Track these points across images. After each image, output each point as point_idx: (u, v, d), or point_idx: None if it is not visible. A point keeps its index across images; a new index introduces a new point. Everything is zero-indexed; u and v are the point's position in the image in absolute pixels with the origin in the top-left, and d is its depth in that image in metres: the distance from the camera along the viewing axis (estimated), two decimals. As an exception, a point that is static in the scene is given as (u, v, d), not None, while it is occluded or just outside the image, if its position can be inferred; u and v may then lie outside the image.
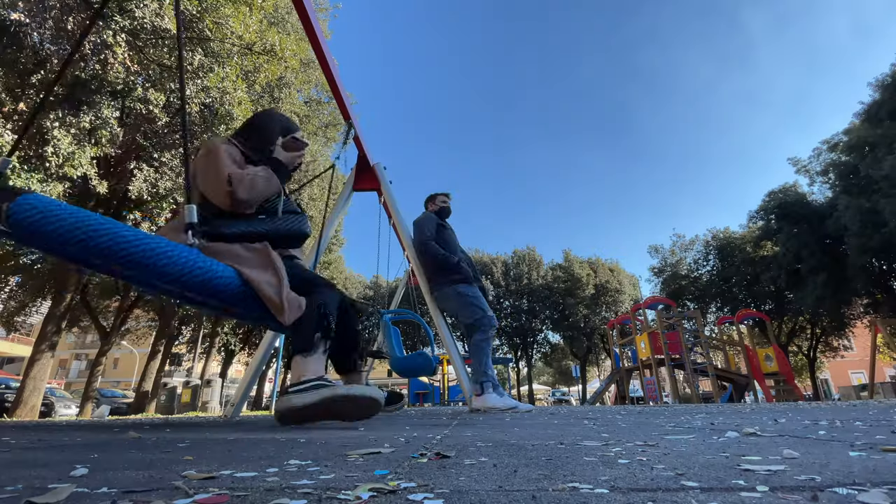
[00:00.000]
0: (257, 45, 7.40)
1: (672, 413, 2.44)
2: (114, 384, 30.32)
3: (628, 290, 25.50)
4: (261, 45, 7.41)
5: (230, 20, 6.88)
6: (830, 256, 15.69)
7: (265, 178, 1.67)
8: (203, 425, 1.97)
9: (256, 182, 1.63)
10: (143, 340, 19.88)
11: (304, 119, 11.35)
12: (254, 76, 7.76)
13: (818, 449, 0.72)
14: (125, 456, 0.77)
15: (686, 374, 12.90)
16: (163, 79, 6.94)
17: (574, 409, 4.68)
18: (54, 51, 6.43)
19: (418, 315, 4.89)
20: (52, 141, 5.89)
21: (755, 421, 1.52)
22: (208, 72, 6.92)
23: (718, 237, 22.01)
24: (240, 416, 3.32)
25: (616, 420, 1.75)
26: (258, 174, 1.65)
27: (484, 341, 3.16)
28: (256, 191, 1.63)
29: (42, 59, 6.31)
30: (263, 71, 7.67)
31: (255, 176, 1.64)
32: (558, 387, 42.76)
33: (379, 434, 1.17)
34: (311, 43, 3.11)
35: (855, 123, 15.10)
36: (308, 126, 11.56)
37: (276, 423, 1.68)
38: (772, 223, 18.22)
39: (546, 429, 1.29)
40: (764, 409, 2.90)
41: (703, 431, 1.10)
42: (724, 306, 20.70)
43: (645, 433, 1.08)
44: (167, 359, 14.38)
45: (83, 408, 11.17)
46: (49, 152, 5.88)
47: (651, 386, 13.63)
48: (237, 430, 1.53)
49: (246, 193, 1.60)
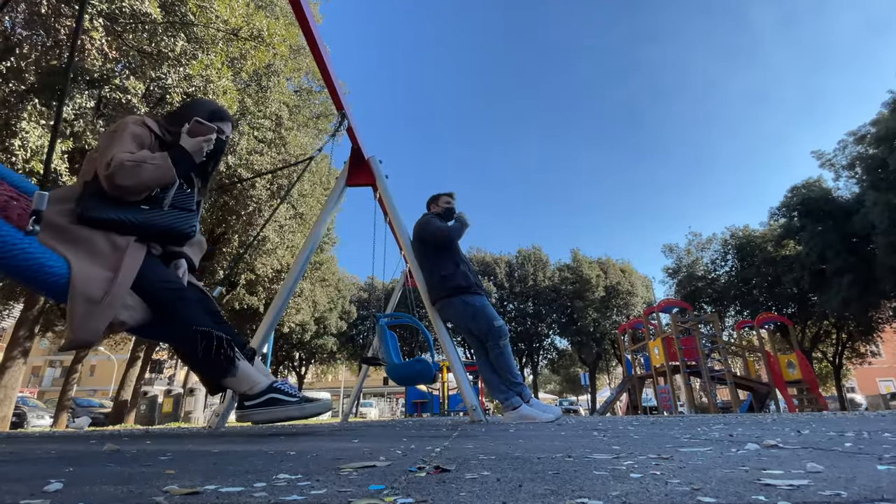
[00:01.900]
0: (244, 30, 7.40)
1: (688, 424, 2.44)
2: (90, 393, 30.33)
3: (641, 293, 25.53)
4: (247, 30, 7.41)
5: (215, 3, 6.88)
6: (857, 256, 15.69)
7: (156, 166, 1.63)
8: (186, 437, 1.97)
9: (142, 169, 1.60)
10: (121, 346, 19.86)
11: (295, 109, 11.35)
12: (240, 63, 7.76)
13: (844, 462, 0.72)
14: (103, 470, 0.77)
15: (703, 383, 12.90)
16: (143, 66, 6.94)
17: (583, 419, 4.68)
18: (27, 36, 6.43)
19: (416, 319, 4.89)
20: (20, 133, 5.87)
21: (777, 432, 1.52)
22: (191, 59, 6.92)
23: (737, 236, 22.02)
24: (225, 426, 3.32)
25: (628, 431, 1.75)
26: (149, 160, 1.62)
27: (505, 347, 3.27)
28: (140, 178, 1.60)
29: (13, 45, 6.30)
30: (250, 58, 7.66)
31: (144, 162, 1.61)
32: (566, 396, 42.79)
33: (374, 446, 1.17)
34: (302, 27, 3.11)
35: (883, 114, 15.07)
36: (298, 117, 11.56)
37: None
38: (794, 220, 18.23)
39: (553, 440, 1.29)
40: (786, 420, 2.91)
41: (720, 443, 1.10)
42: (743, 309, 20.72)
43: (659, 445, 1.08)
44: (147, 365, 14.39)
45: (58, 418, 11.18)
46: (16, 145, 5.86)
47: (665, 395, 13.63)
48: (222, 441, 1.53)
49: (126, 180, 1.58)
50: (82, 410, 14.62)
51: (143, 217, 1.65)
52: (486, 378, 3.34)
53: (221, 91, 7.12)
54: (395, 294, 8.25)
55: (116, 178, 1.57)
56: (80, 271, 1.46)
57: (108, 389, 29.56)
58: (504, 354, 3.25)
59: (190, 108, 1.91)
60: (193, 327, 1.59)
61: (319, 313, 19.63)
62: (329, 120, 12.45)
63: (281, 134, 10.36)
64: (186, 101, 2.02)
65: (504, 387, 3.20)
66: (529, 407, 3.14)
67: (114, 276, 1.51)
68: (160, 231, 1.69)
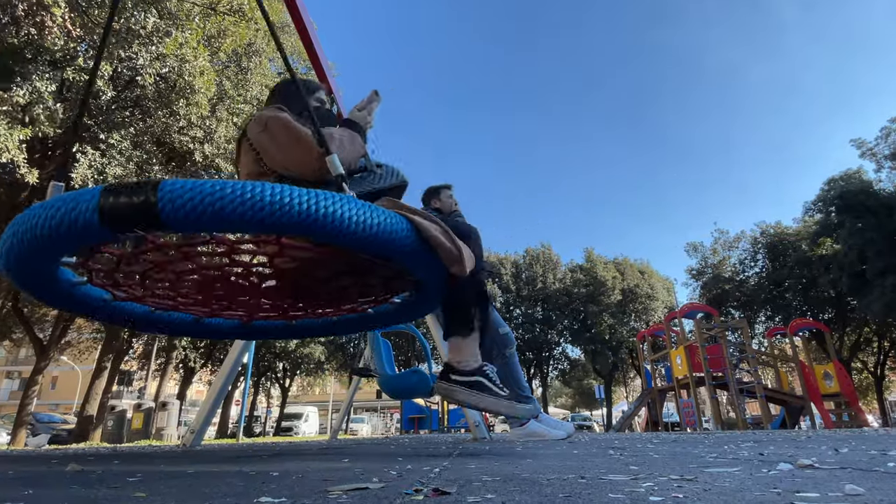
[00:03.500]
0: (222, 4, 7.41)
1: (714, 441, 2.45)
2: (52, 407, 30.31)
3: (662, 296, 25.55)
4: (226, 3, 7.41)
5: (189, -25, 6.89)
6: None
7: (350, 138, 1.78)
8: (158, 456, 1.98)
9: (345, 142, 1.74)
10: (86, 355, 19.89)
11: (278, 93, 11.33)
12: (218, 42, 7.76)
13: (887, 484, 0.72)
14: (65, 492, 0.77)
15: (730, 396, 12.91)
16: (110, 45, 6.94)
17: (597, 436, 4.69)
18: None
19: (412, 325, 4.89)
20: None
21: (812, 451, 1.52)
22: (164, 37, 6.92)
23: (768, 233, 22.04)
24: (201, 444, 3.32)
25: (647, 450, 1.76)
26: (342, 134, 1.77)
27: (511, 357, 3.28)
28: (348, 152, 1.74)
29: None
30: (230, 35, 7.67)
31: (342, 137, 1.76)
32: (579, 410, 42.87)
33: (366, 466, 1.18)
34: (286, 1, 3.10)
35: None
36: (282, 101, 11.55)
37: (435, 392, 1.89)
38: (832, 216, 18.24)
39: (564, 460, 1.29)
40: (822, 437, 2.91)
41: (750, 463, 1.10)
42: (775, 315, 20.74)
43: (681, 465, 1.08)
44: (115, 377, 14.39)
45: (15, 435, 11.18)
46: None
47: (688, 409, 13.65)
48: (198, 461, 1.53)
49: (341, 154, 1.68)
50: (43, 427, 14.63)
51: (377, 183, 1.87)
52: None
53: (198, 72, 7.13)
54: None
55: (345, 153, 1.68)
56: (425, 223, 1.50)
57: (72, 404, 29.58)
58: (510, 364, 3.26)
59: (288, 88, 1.99)
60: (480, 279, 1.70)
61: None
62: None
63: (263, 120, 10.33)
64: (277, 83, 2.14)
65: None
66: (538, 423, 3.14)
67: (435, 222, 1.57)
68: (396, 187, 1.90)
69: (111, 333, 13.40)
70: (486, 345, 3.30)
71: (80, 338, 19.11)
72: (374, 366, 4.73)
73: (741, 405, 12.50)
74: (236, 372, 3.42)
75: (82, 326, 17.63)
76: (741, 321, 14.87)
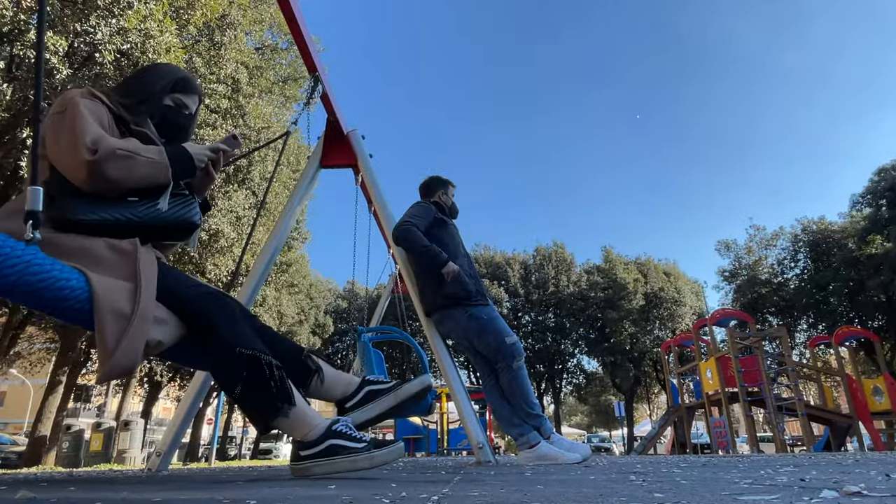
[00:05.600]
0: (191, -28, 7.41)
1: (749, 465, 2.45)
2: (0, 427, 30.38)
3: (690, 301, 25.59)
4: (196, -30, 7.42)
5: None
6: (961, 255, 15.72)
7: (150, 162, 1.61)
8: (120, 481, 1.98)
9: (136, 163, 1.58)
10: (38, 368, 19.91)
11: (256, 71, 11.36)
12: (187, 14, 7.77)
13: (944, 513, 0.72)
14: (15, 523, 0.77)
15: (767, 414, 12.93)
16: (64, 17, 6.94)
17: (617, 459, 4.70)
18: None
19: (408, 334, 4.90)
20: None
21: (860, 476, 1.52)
22: (126, 8, 6.92)
23: (810, 230, 22.07)
24: (168, 469, 3.33)
25: (673, 475, 1.76)
26: (142, 153, 1.60)
27: (520, 370, 3.26)
28: (131, 174, 1.58)
29: None
30: (200, 6, 7.67)
31: (138, 155, 1.59)
32: (596, 430, 42.91)
33: (356, 493, 1.18)
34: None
35: None
36: (261, 80, 11.57)
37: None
38: (882, 210, 18.25)
39: (580, 486, 1.29)
40: (872, 460, 2.91)
41: (789, 490, 1.10)
42: (818, 322, 20.77)
43: (712, 493, 1.08)
44: (71, 393, 14.39)
45: (-41, 458, 11.19)
46: None
47: (720, 429, 13.66)
48: (166, 487, 1.53)
49: (117, 171, 1.55)
50: (-10, 449, 14.64)
51: (143, 212, 1.64)
52: (495, 408, 3.34)
53: (164, 49, 7.13)
54: (381, 303, 8.26)
55: (107, 167, 1.53)
56: (101, 283, 1.45)
57: (22, 423, 29.62)
58: (518, 379, 3.26)
59: (147, 75, 1.90)
60: (237, 349, 1.56)
61: (287, 326, 19.66)
62: (298, 85, 12.45)
63: (238, 102, 10.37)
64: (144, 66, 2.03)
65: (518, 419, 3.21)
66: (550, 445, 3.15)
67: (134, 285, 1.50)
68: (170, 225, 1.71)
69: (67, 343, 13.40)
70: (490, 358, 3.31)
71: (31, 348, 19.12)
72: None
73: (780, 424, 12.52)
74: (208, 387, 3.42)
75: (34, 336, 17.64)
76: (780, 329, 14.89)
